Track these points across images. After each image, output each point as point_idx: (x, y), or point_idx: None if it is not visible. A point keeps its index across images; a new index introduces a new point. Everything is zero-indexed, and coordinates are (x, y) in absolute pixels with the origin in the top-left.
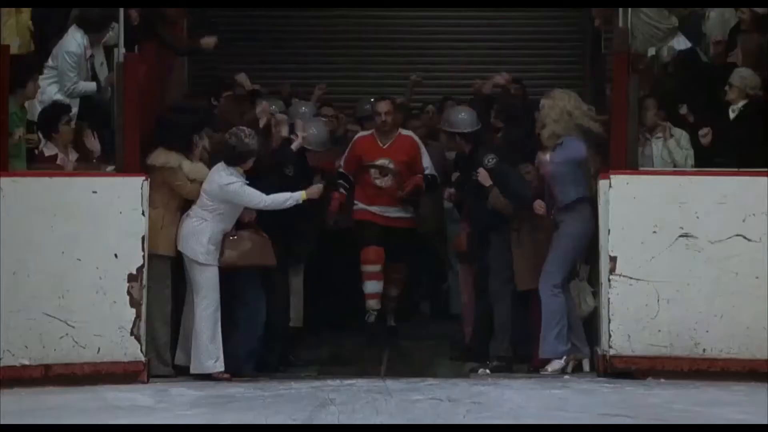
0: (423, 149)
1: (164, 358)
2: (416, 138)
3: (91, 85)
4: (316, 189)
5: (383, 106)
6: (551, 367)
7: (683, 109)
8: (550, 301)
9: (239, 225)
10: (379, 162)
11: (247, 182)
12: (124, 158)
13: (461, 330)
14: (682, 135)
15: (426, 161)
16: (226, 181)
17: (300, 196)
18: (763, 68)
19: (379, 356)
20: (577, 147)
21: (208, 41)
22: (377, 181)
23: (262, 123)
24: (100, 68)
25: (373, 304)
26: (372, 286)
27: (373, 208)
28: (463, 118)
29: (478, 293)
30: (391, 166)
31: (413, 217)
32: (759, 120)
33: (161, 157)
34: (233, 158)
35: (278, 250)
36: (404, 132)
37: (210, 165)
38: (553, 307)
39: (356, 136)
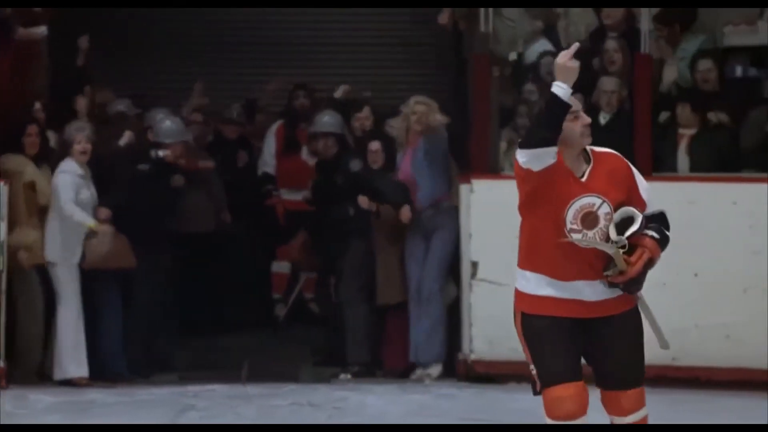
0: (635, 170)
1: (38, 369)
2: (620, 156)
3: None
4: (105, 229)
5: (576, 102)
6: (434, 372)
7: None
8: (436, 306)
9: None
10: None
11: (82, 175)
12: None
13: (321, 335)
14: None
15: (645, 188)
16: (59, 169)
17: (88, 223)
18: (628, 76)
19: (240, 361)
20: (440, 140)
21: (33, 32)
22: (575, 236)
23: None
24: None
25: None
26: None
27: (566, 290)
28: (328, 120)
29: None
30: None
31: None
32: (627, 128)
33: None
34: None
35: (137, 253)
36: (599, 149)
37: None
38: (437, 312)
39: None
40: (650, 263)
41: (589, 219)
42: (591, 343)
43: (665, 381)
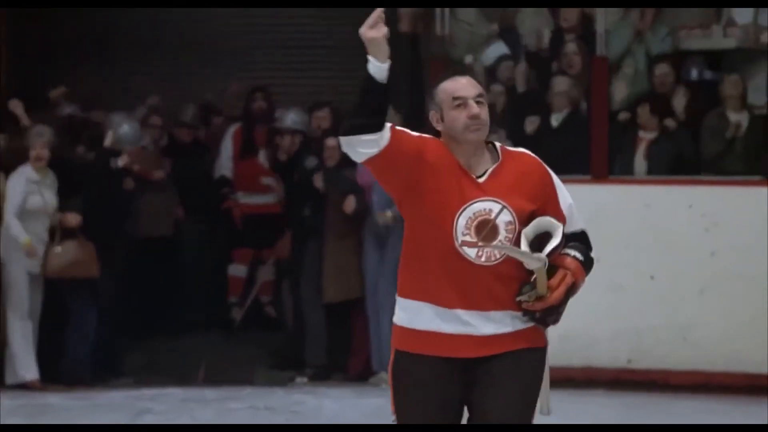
0: (555, 178)
1: None
2: (536, 158)
3: None
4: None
5: (470, 87)
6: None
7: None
8: (390, 312)
9: (66, 232)
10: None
11: (37, 181)
12: None
13: (277, 338)
14: None
15: (566, 202)
16: (13, 173)
17: (21, 240)
18: (584, 79)
19: (197, 364)
20: None
21: None
22: (468, 252)
23: None
24: None
25: None
26: None
27: (454, 322)
28: (293, 117)
29: (294, 301)
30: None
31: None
32: (581, 130)
33: None
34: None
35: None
36: (513, 149)
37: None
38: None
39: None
40: (573, 289)
41: (486, 229)
42: (475, 383)
43: (621, 384)
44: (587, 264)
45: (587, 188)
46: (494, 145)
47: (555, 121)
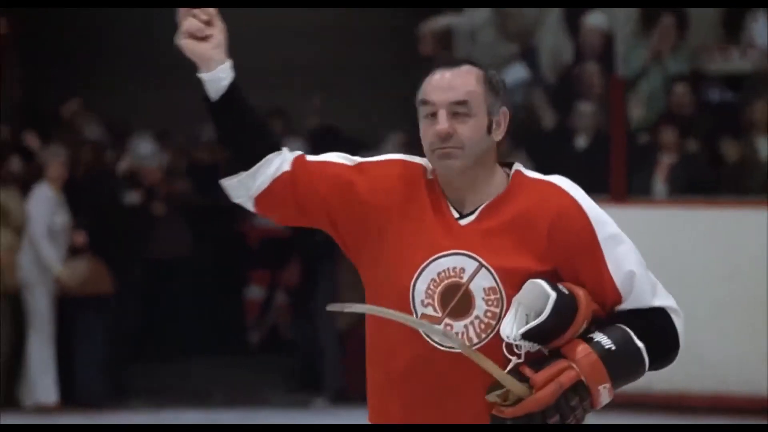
0: (603, 229)
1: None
2: (568, 193)
3: None
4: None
5: (448, 89)
6: None
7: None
8: None
9: (74, 250)
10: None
11: (56, 201)
12: None
13: (295, 361)
14: None
15: (621, 263)
16: (34, 195)
17: (54, 270)
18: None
19: (214, 387)
20: None
21: None
22: (438, 335)
23: None
24: None
25: None
26: None
27: None
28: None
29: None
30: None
31: None
32: (605, 152)
33: None
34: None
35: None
36: (537, 176)
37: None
38: None
39: (385, 157)
40: (576, 394)
41: (459, 300)
42: None
43: (638, 406)
44: (620, 359)
45: (605, 209)
46: (511, 170)
47: (582, 143)
